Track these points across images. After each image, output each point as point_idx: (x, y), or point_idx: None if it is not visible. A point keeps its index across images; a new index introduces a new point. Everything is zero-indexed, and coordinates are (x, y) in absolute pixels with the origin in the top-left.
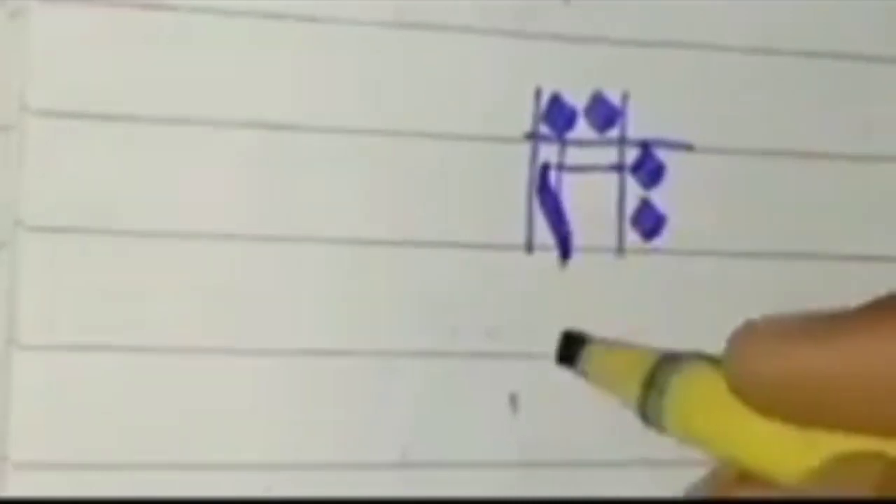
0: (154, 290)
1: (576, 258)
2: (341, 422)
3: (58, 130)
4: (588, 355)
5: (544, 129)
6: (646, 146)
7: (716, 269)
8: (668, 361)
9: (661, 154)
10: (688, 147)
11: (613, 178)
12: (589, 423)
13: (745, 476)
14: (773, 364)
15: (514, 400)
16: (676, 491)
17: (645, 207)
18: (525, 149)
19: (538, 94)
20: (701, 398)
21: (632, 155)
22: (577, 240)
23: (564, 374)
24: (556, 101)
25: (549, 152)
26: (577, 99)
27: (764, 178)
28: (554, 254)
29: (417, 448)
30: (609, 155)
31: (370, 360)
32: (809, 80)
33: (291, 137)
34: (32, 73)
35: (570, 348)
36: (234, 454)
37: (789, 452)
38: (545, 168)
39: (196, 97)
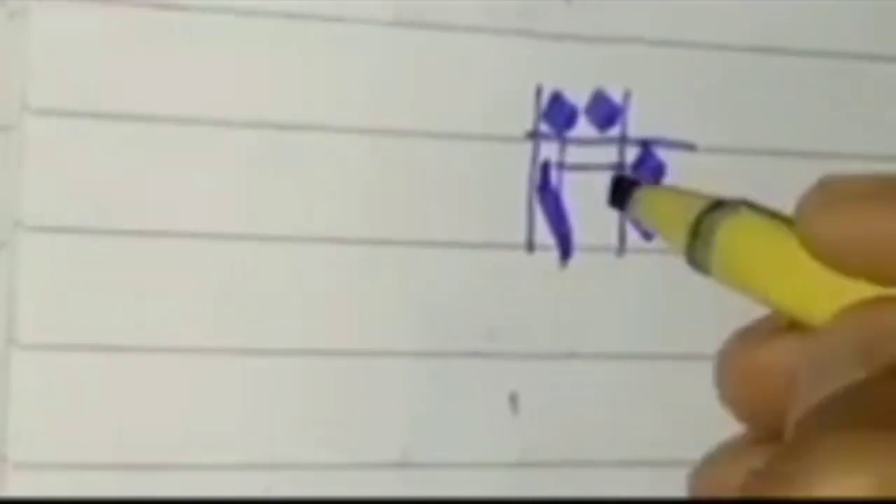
0: (154, 290)
1: (576, 257)
2: (341, 422)
3: (58, 130)
4: (637, 199)
5: (545, 127)
6: (646, 145)
7: None
8: (717, 208)
9: (662, 153)
10: (688, 146)
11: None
12: (589, 423)
13: (793, 324)
14: (846, 223)
15: (514, 400)
16: (676, 491)
17: None
18: (526, 147)
19: (539, 92)
20: (749, 243)
21: (632, 154)
22: (578, 239)
23: (565, 374)
24: (557, 99)
25: (549, 151)
26: (578, 97)
27: (765, 178)
28: (554, 253)
29: (417, 448)
30: (610, 154)
31: (370, 359)
32: (811, 79)
33: (292, 137)
34: (32, 73)
35: (621, 192)
36: (234, 454)
37: (843, 302)
38: (546, 167)
39: (196, 97)
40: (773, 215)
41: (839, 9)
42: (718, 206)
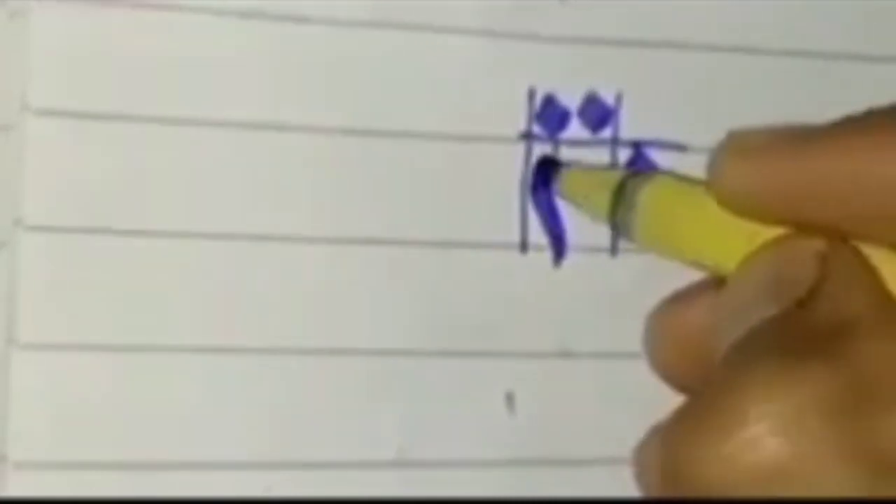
0: (154, 289)
1: (570, 258)
2: (337, 421)
3: (58, 130)
4: (561, 177)
5: (538, 129)
6: (638, 146)
7: None
8: (636, 174)
9: (654, 154)
10: (680, 147)
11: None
12: (584, 422)
13: (720, 283)
14: (754, 172)
15: (510, 399)
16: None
17: None
18: (519, 149)
19: (532, 94)
20: (670, 205)
21: (625, 155)
22: (571, 239)
23: (560, 373)
24: (549, 101)
25: (542, 152)
26: (571, 99)
27: None
28: (548, 254)
29: (414, 447)
30: (602, 155)
31: (366, 359)
32: (802, 80)
33: (289, 138)
34: (33, 72)
35: (545, 173)
36: (234, 454)
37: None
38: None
39: (196, 97)
40: (692, 179)
41: (830, 9)
42: (637, 174)
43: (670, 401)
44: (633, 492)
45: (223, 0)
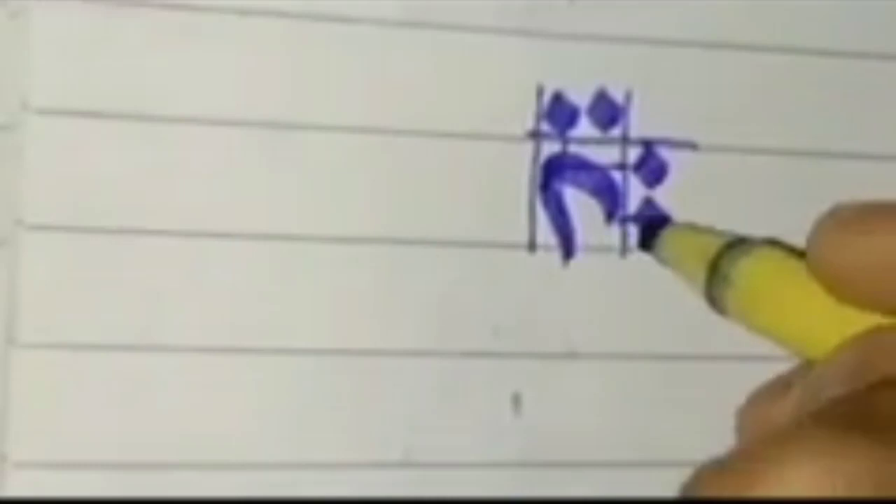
0: (154, 289)
1: (578, 257)
2: (343, 421)
3: (58, 129)
4: (664, 241)
5: (547, 127)
6: (649, 145)
7: None
8: (735, 245)
9: (664, 153)
10: (691, 146)
11: (616, 176)
12: (591, 422)
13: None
14: (855, 252)
15: (516, 399)
16: (676, 491)
17: (648, 206)
18: (528, 147)
19: (541, 91)
20: (766, 286)
21: (634, 153)
22: (580, 239)
23: (567, 374)
24: (558, 99)
25: (551, 150)
26: (580, 97)
27: (767, 177)
28: (556, 253)
29: (420, 447)
30: (612, 153)
31: (372, 359)
32: (813, 78)
33: (293, 136)
34: (32, 72)
35: (650, 234)
36: (234, 454)
37: None
38: (548, 166)
39: (197, 96)
40: (792, 250)
41: (842, 7)
42: (738, 243)
43: (677, 403)
44: (637, 493)
45: (224, 0)
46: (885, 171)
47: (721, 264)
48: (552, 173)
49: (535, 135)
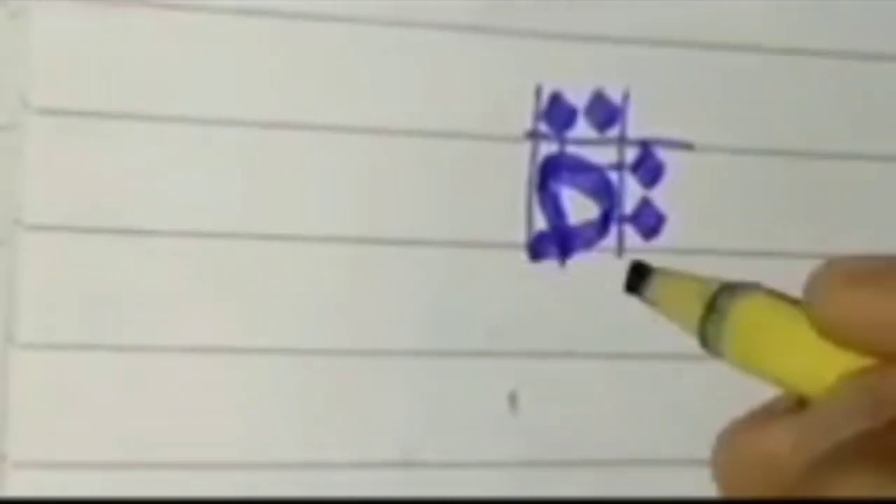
0: (154, 289)
1: (575, 257)
2: (342, 421)
3: (58, 129)
4: (654, 283)
5: (544, 127)
6: (646, 145)
7: (716, 269)
8: (731, 288)
9: (661, 153)
10: (688, 146)
11: (613, 177)
12: (588, 422)
13: (802, 403)
14: (855, 303)
15: (513, 399)
16: (676, 490)
17: (645, 207)
18: (525, 147)
19: (538, 92)
20: (762, 325)
21: (632, 154)
22: (577, 239)
23: (564, 374)
24: (556, 99)
25: (549, 151)
26: (578, 97)
27: (764, 178)
28: (553, 253)
29: (417, 447)
30: (609, 154)
31: (371, 359)
32: (810, 78)
33: (291, 136)
34: (32, 72)
35: (638, 278)
36: (234, 454)
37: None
38: (545, 166)
39: (197, 96)
40: (785, 297)
41: (840, 8)
42: (735, 285)
43: (675, 403)
44: (634, 492)
45: (223, 0)
46: (884, 171)
47: (718, 302)
48: (549, 173)
49: (533, 135)
